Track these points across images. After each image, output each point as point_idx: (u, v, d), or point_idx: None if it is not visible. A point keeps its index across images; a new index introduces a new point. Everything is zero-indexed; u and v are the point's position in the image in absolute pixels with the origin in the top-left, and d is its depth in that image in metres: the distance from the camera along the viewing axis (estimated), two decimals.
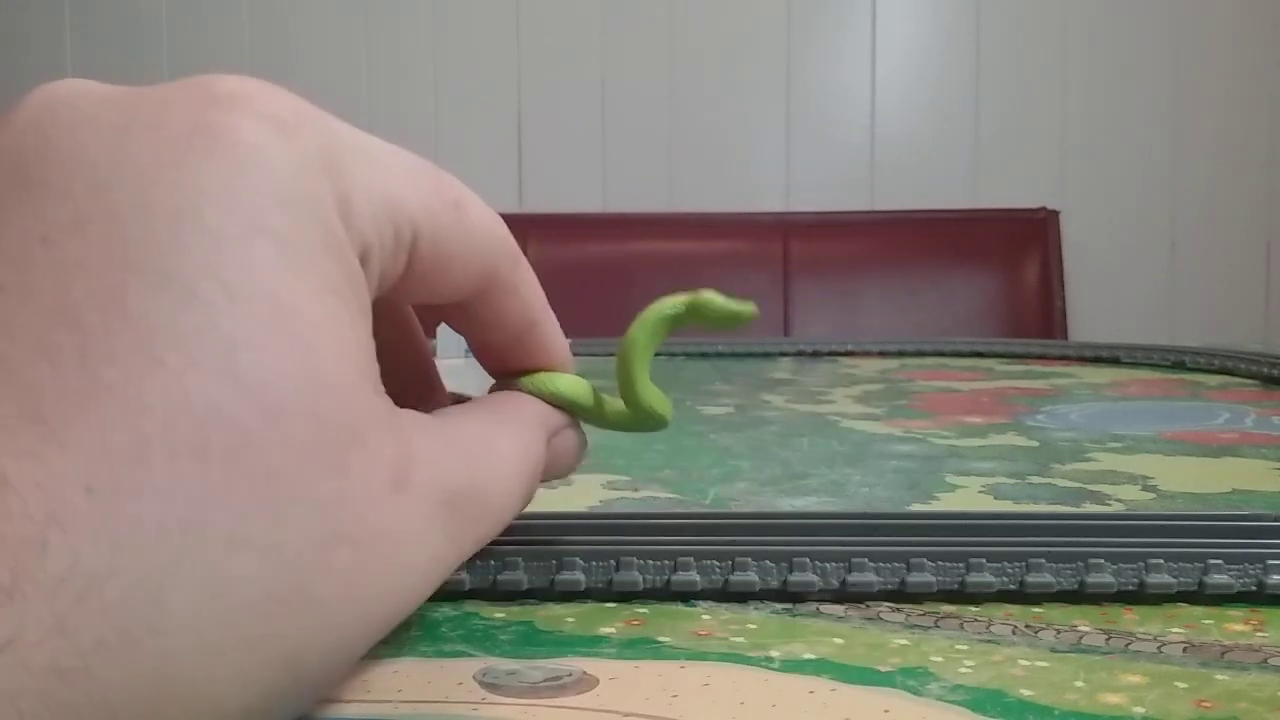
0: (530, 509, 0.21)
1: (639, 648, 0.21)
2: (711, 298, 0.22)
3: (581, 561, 0.24)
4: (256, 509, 0.14)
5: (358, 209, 0.17)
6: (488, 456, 0.19)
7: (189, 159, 0.15)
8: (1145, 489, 0.35)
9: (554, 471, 0.23)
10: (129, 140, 0.15)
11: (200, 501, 0.14)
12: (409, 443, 0.17)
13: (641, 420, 0.24)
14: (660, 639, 0.22)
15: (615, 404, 0.24)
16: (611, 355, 0.23)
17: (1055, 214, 1.55)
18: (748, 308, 0.22)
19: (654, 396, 0.23)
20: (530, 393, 0.22)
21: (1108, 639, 0.21)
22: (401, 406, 0.18)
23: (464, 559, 0.18)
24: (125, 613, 0.13)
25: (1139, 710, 0.18)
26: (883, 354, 0.78)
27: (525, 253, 0.22)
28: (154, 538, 0.13)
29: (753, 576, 0.24)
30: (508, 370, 0.23)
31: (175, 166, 0.15)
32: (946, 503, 0.33)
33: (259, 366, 0.15)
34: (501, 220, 0.21)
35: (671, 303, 0.23)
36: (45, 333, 0.14)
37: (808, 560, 0.24)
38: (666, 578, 0.24)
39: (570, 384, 0.23)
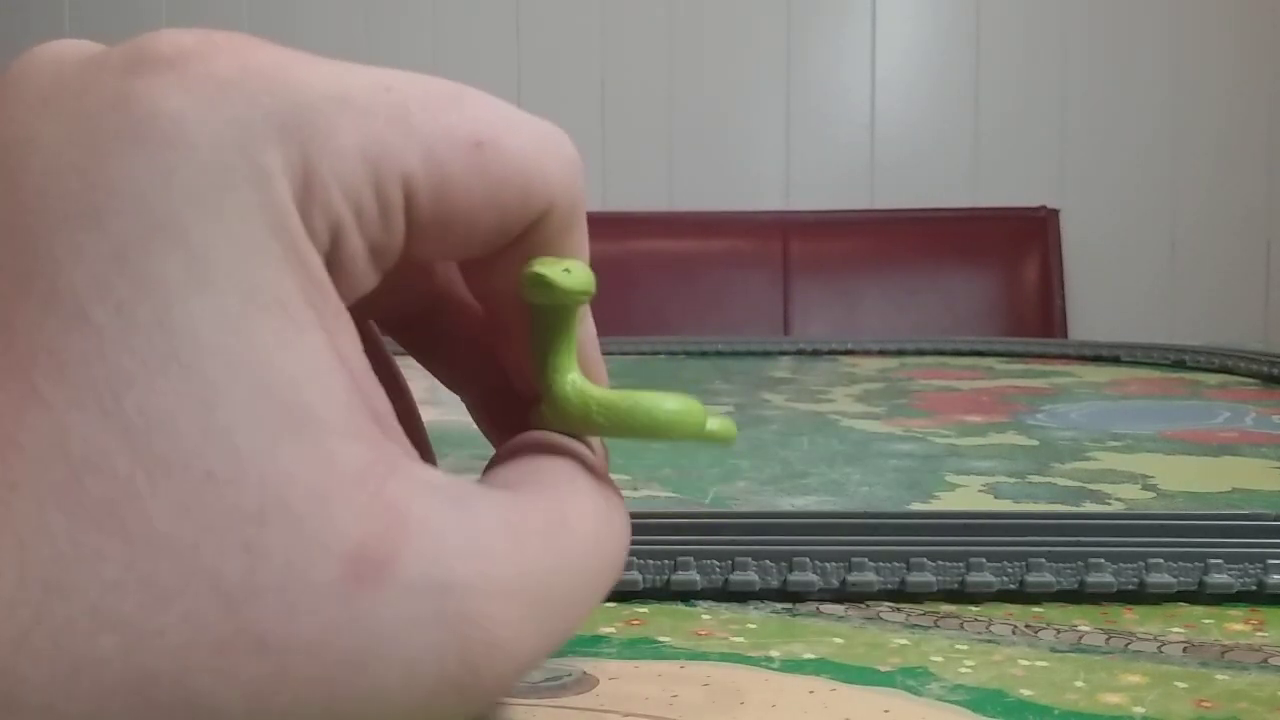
0: None
1: (639, 648, 0.21)
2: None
3: None
4: (131, 583, 0.12)
5: (323, 178, 0.14)
6: (550, 538, 0.15)
7: (98, 140, 0.13)
8: (1145, 488, 0.35)
9: None
10: (46, 114, 0.13)
11: (66, 563, 0.12)
12: (391, 507, 0.13)
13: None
14: (660, 639, 0.22)
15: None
16: (612, 354, 0.23)
17: (1055, 213, 1.55)
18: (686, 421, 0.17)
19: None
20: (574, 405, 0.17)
21: (1108, 639, 0.21)
22: None
23: (509, 678, 0.14)
24: None
25: (1139, 710, 0.18)
26: (883, 353, 0.78)
27: None
28: (11, 595, 0.11)
29: (753, 576, 0.24)
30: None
31: (83, 149, 0.13)
32: (946, 502, 0.33)
33: (150, 411, 0.12)
34: (561, 155, 0.17)
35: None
36: None
37: (808, 560, 0.24)
38: (666, 577, 0.24)
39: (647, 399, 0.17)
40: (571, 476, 0.16)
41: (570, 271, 0.16)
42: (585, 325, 0.18)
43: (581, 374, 0.18)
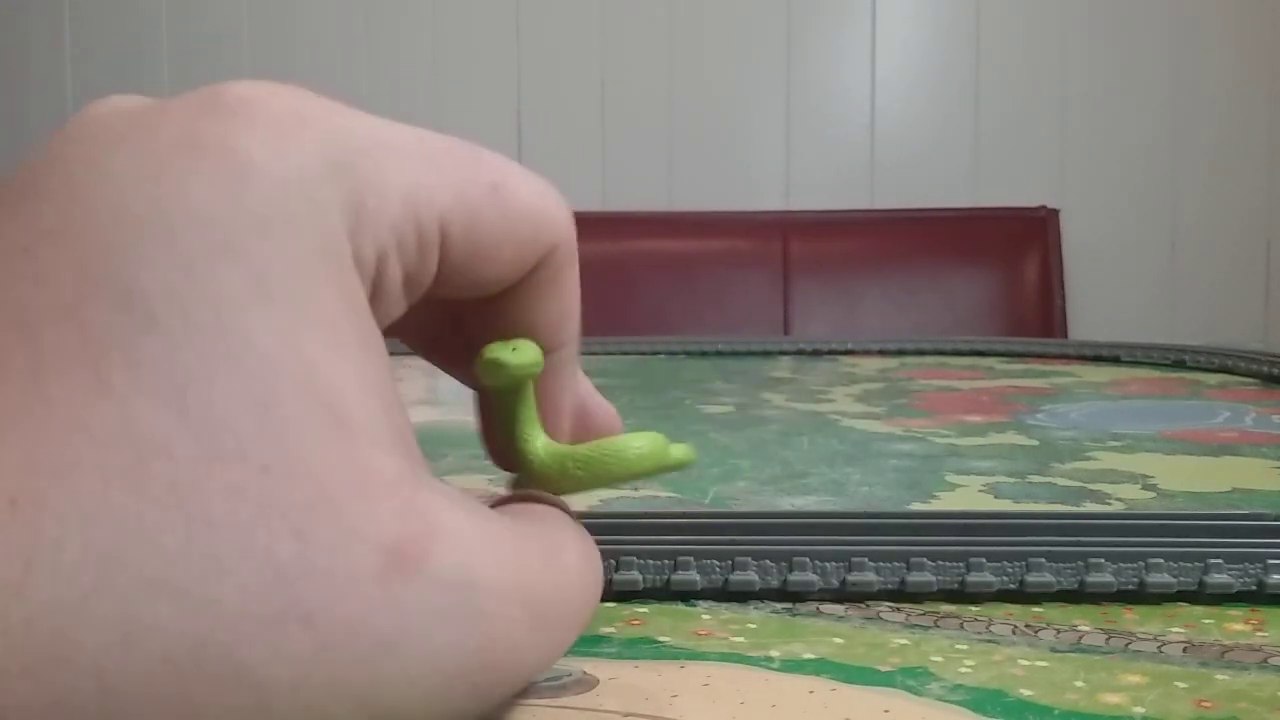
0: None
1: (639, 648, 0.21)
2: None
3: None
4: (188, 557, 0.13)
5: (372, 214, 0.16)
6: (547, 561, 0.17)
7: (171, 171, 0.14)
8: (1145, 488, 0.35)
9: None
10: (119, 150, 0.15)
11: (126, 535, 0.12)
12: (424, 511, 0.14)
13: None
14: (660, 639, 0.22)
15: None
16: (611, 354, 0.23)
17: (1055, 213, 1.55)
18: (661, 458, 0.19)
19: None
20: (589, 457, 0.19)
21: (1108, 639, 0.21)
22: None
23: (516, 677, 0.16)
24: (29, 639, 0.12)
25: (1139, 710, 0.18)
26: (882, 353, 0.78)
27: None
28: (72, 565, 0.12)
29: (753, 576, 0.24)
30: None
31: (155, 179, 0.14)
32: (946, 502, 0.33)
33: (210, 405, 0.13)
34: (559, 200, 0.19)
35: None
36: (2, 343, 0.13)
37: (808, 560, 0.24)
38: (666, 577, 0.24)
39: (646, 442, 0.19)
40: (557, 517, 0.18)
41: (517, 350, 0.18)
42: (576, 381, 0.20)
43: (547, 437, 0.19)
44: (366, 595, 0.13)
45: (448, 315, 0.20)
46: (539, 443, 0.19)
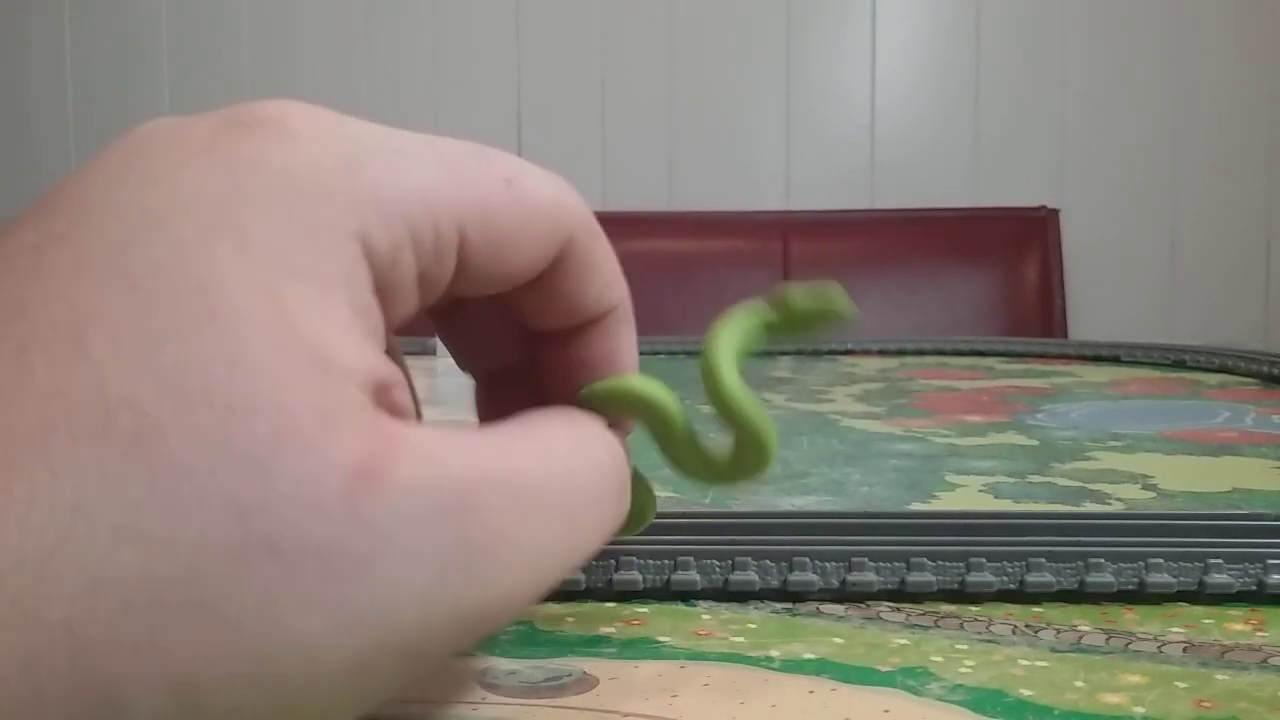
0: None
1: (639, 648, 0.21)
2: (798, 301, 0.20)
3: None
4: (152, 502, 0.13)
5: (386, 207, 0.16)
6: (533, 449, 0.16)
7: (183, 175, 0.15)
8: (1145, 488, 0.35)
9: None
10: (140, 160, 0.15)
11: (91, 488, 0.13)
12: (388, 437, 0.15)
13: (748, 459, 0.20)
14: (660, 639, 0.22)
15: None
16: None
17: (1055, 213, 1.55)
18: (832, 298, 0.19)
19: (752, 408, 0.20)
20: (598, 400, 0.20)
21: (1108, 639, 0.21)
22: None
23: (515, 577, 0.15)
24: (0, 599, 0.12)
25: (1139, 710, 0.18)
26: (883, 353, 0.78)
27: None
28: (39, 521, 0.13)
29: (753, 576, 0.24)
30: (566, 373, 0.21)
31: (165, 181, 0.15)
32: (946, 502, 0.33)
33: (183, 360, 0.14)
34: (570, 189, 0.19)
35: (748, 320, 0.20)
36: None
37: (808, 560, 0.24)
38: (666, 577, 0.24)
39: (653, 387, 0.20)
40: (557, 415, 0.18)
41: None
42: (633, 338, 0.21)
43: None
44: (332, 517, 0.14)
45: (496, 312, 0.21)
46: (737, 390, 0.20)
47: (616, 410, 0.20)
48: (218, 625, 0.13)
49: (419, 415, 0.20)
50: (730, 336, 0.20)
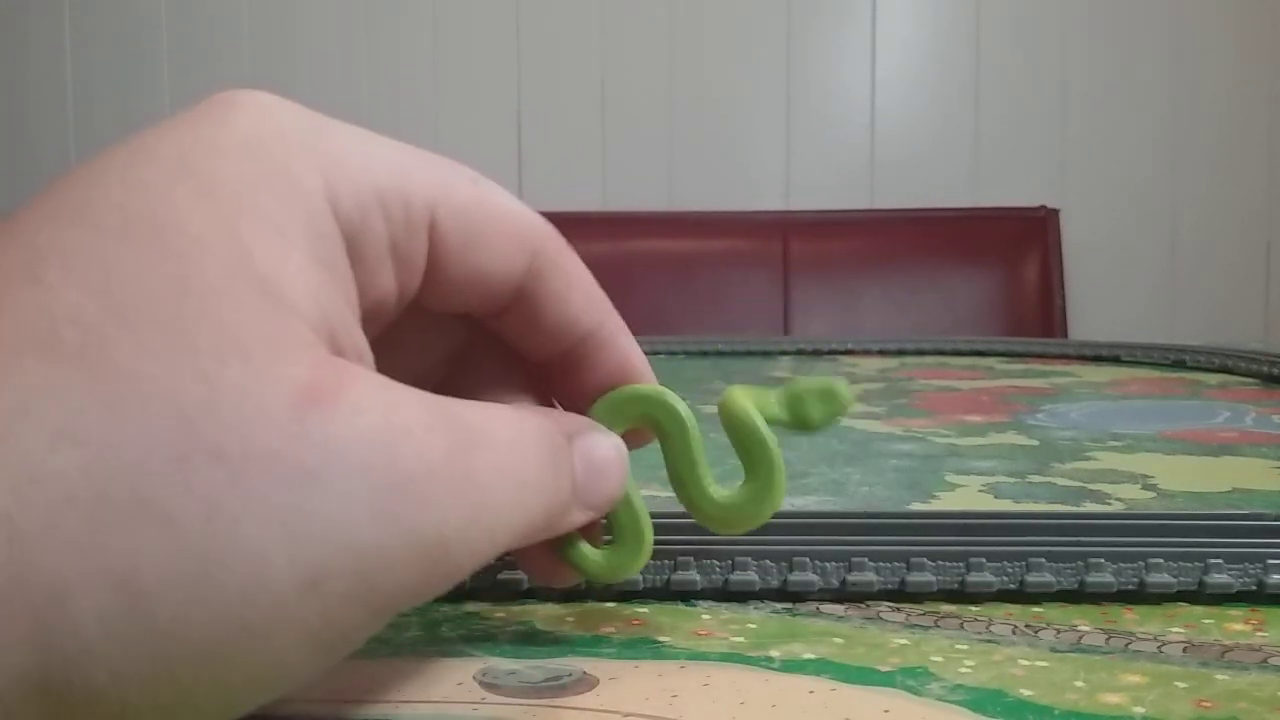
0: None
1: (639, 648, 0.21)
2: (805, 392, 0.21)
3: None
4: (94, 406, 0.13)
5: (353, 172, 0.16)
6: (468, 416, 0.16)
7: (155, 135, 0.16)
8: (1145, 488, 0.35)
9: (593, 497, 0.19)
10: (132, 142, 0.16)
11: (32, 393, 0.13)
12: (336, 369, 0.15)
13: (763, 495, 0.20)
14: (660, 639, 0.22)
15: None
16: None
17: (1055, 213, 1.55)
18: (839, 399, 0.21)
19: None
20: (613, 407, 0.21)
21: (1108, 639, 0.21)
22: None
23: (472, 510, 0.15)
24: None
25: (1139, 710, 0.18)
26: (883, 353, 0.78)
27: None
28: None
29: (753, 576, 0.24)
30: (579, 392, 0.21)
31: (138, 142, 0.16)
32: (946, 502, 0.33)
33: (131, 283, 0.14)
34: (527, 207, 0.20)
35: (760, 396, 0.21)
36: None
37: (808, 560, 0.24)
38: (666, 577, 0.24)
39: (668, 395, 0.21)
40: (506, 409, 0.18)
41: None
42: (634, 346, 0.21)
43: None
44: (281, 428, 0.13)
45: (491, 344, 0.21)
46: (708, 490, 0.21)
47: (630, 417, 0.21)
48: (162, 526, 0.13)
49: None
50: (747, 394, 0.21)
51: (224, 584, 0.13)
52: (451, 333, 0.21)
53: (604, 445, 0.19)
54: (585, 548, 0.21)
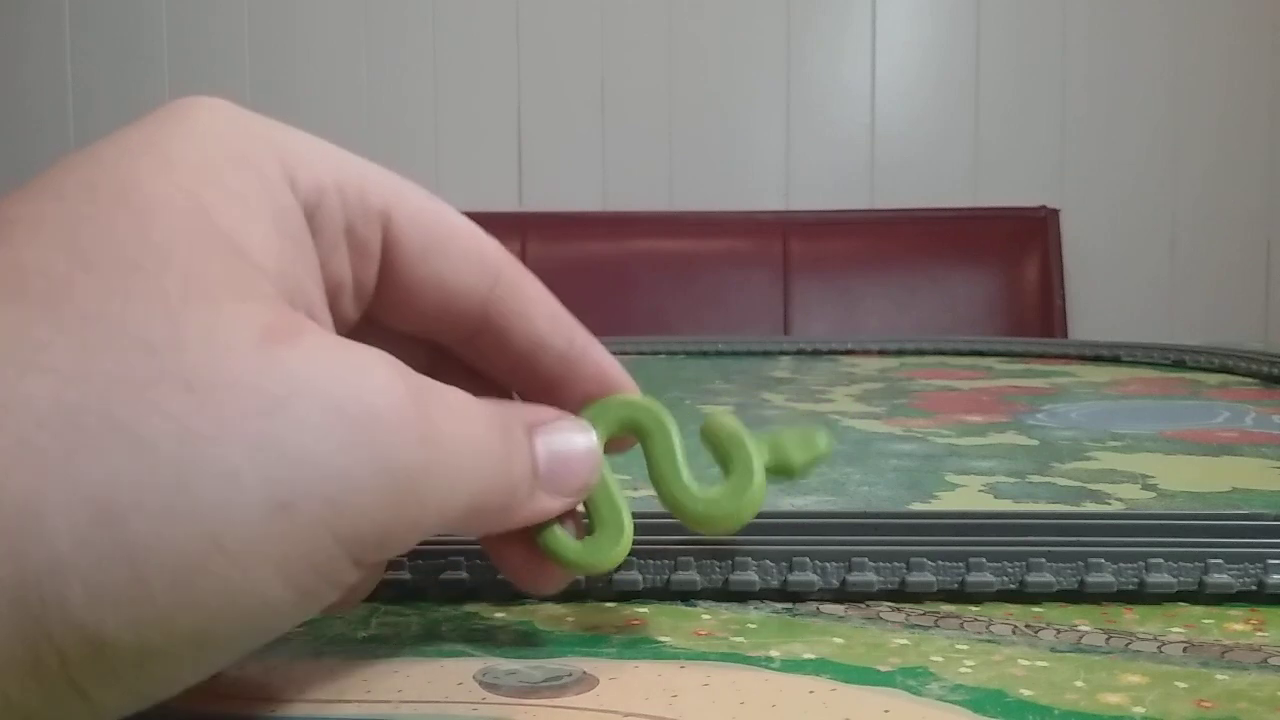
0: None
1: (639, 648, 0.21)
2: (787, 443, 0.21)
3: None
4: (62, 343, 0.13)
5: (308, 157, 0.17)
6: (421, 376, 0.17)
7: (123, 131, 0.16)
8: (1145, 488, 0.35)
9: (561, 483, 0.19)
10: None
11: (5, 339, 0.13)
12: (296, 318, 0.15)
13: (741, 495, 0.21)
14: (660, 639, 0.22)
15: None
16: (612, 354, 0.23)
17: (1055, 212, 1.55)
18: (820, 447, 0.21)
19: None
20: (596, 416, 0.21)
21: (1108, 639, 0.21)
22: None
23: (437, 453, 0.16)
24: None
25: (1139, 710, 0.18)
26: (883, 353, 0.78)
27: (524, 252, 0.21)
28: None
29: (753, 576, 0.24)
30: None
31: (113, 135, 0.16)
32: (946, 502, 0.33)
33: (95, 236, 0.14)
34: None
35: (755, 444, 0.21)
36: None
37: (808, 560, 0.24)
38: (666, 577, 0.24)
39: (641, 405, 0.21)
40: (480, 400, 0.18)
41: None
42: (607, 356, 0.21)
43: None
44: (247, 359, 0.14)
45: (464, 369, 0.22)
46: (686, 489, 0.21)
47: (611, 423, 0.21)
48: (134, 446, 0.13)
49: None
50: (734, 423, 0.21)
51: (197, 502, 0.13)
52: (416, 358, 0.21)
53: (572, 432, 0.20)
54: (561, 534, 0.20)
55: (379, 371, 0.15)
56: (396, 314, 0.19)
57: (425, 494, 0.15)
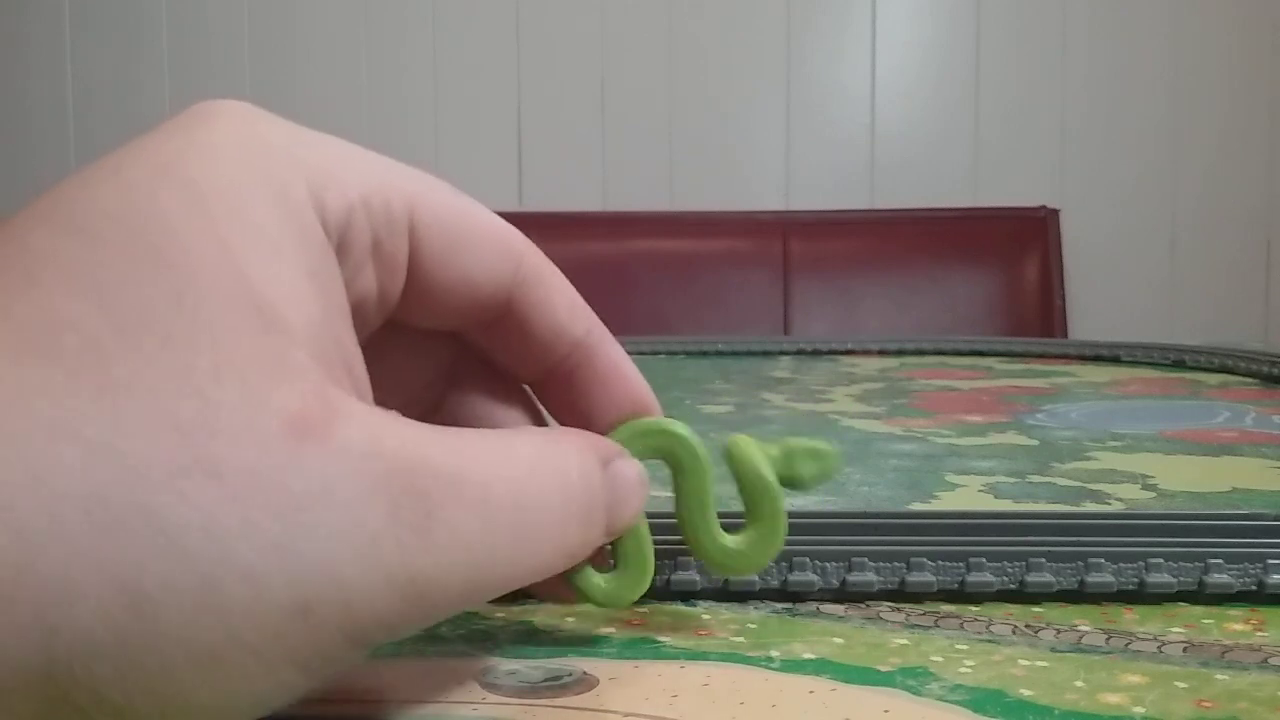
0: None
1: (639, 648, 0.21)
2: (802, 450, 0.22)
3: None
4: (94, 409, 0.13)
5: (337, 178, 0.17)
6: (489, 447, 0.17)
7: (142, 142, 0.16)
8: (1145, 488, 0.35)
9: (615, 517, 0.19)
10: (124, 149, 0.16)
11: (34, 395, 0.13)
12: (328, 401, 0.15)
13: (766, 542, 0.21)
14: (660, 639, 0.22)
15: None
16: None
17: (1055, 212, 1.55)
18: (829, 460, 0.22)
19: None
20: (627, 437, 0.21)
21: (1108, 639, 0.21)
22: None
23: (450, 560, 0.15)
24: None
25: (1139, 710, 0.18)
26: (883, 353, 0.78)
27: None
28: None
29: (753, 576, 0.24)
30: (586, 411, 0.21)
31: (132, 147, 0.16)
32: (946, 502, 0.33)
33: (128, 293, 0.14)
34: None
35: (766, 453, 0.21)
36: None
37: (808, 560, 0.24)
38: (667, 577, 0.24)
39: (685, 430, 0.21)
40: (525, 428, 0.19)
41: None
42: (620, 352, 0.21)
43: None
44: (274, 453, 0.14)
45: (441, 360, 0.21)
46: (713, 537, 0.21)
47: (646, 449, 0.21)
48: (163, 536, 0.13)
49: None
50: (750, 443, 0.22)
51: (223, 600, 0.13)
52: (439, 353, 0.21)
53: (629, 471, 0.20)
54: (592, 575, 0.21)
55: (407, 484, 0.15)
56: (420, 314, 0.19)
57: (438, 599, 0.16)
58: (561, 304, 0.20)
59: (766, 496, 0.21)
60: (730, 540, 0.21)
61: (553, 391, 0.21)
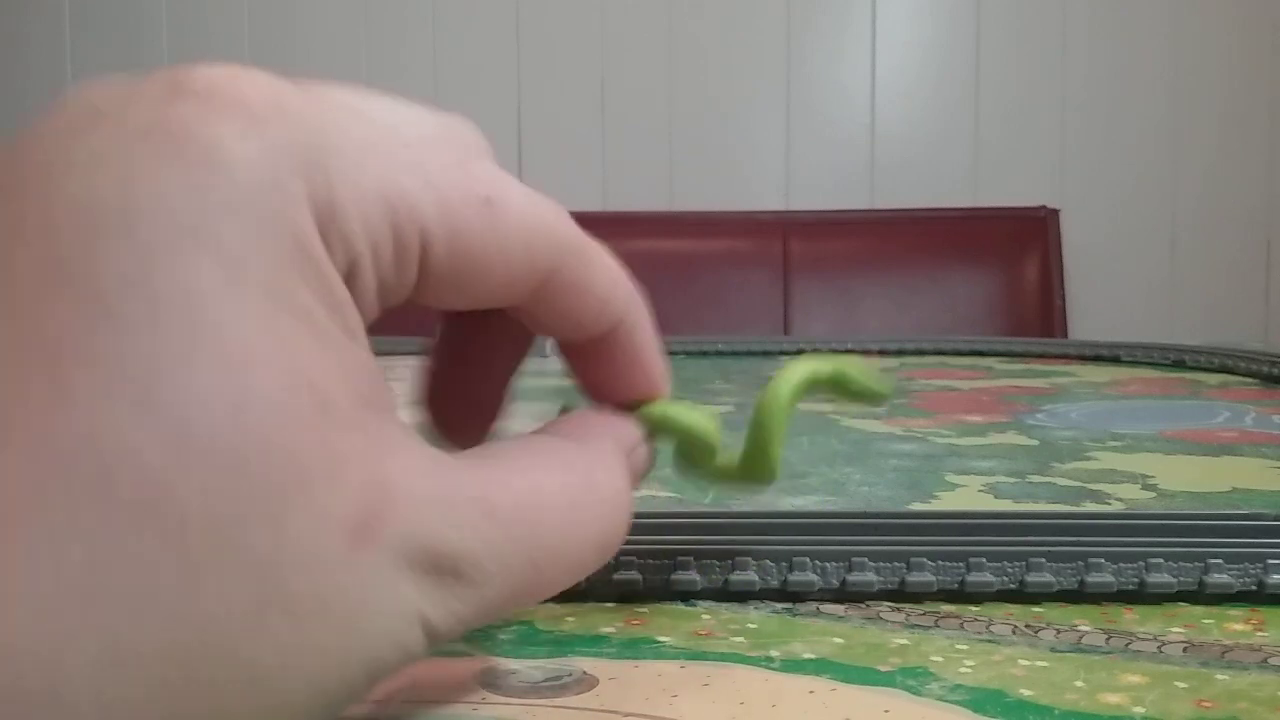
0: None
1: (639, 648, 0.21)
2: (855, 372, 0.22)
3: None
4: (167, 565, 0.12)
5: (343, 212, 0.15)
6: (511, 509, 0.16)
7: (135, 159, 0.14)
8: (1145, 488, 0.35)
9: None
10: (86, 137, 0.14)
11: (99, 551, 0.12)
12: (384, 483, 0.14)
13: (753, 473, 0.22)
14: (660, 639, 0.22)
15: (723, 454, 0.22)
16: None
17: (1055, 213, 1.55)
18: (885, 387, 0.23)
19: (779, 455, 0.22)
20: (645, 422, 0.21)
21: (1108, 639, 0.21)
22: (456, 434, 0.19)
23: (472, 625, 0.16)
24: (18, 685, 0.12)
25: (1139, 710, 0.18)
26: (883, 353, 0.78)
27: None
28: (49, 597, 0.12)
29: (753, 576, 0.24)
30: (601, 386, 0.21)
31: (119, 166, 0.14)
32: (946, 502, 0.33)
33: (179, 399, 0.13)
34: (558, 209, 0.18)
35: (816, 366, 0.22)
36: None
37: (808, 560, 0.24)
38: (666, 577, 0.24)
39: (698, 420, 0.22)
40: (554, 451, 0.18)
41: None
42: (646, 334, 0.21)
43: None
44: (334, 571, 0.14)
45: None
46: (778, 441, 0.22)
47: (659, 433, 0.21)
48: (249, 668, 0.13)
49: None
50: (798, 376, 0.22)
51: (290, 709, 0.14)
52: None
53: (644, 456, 0.20)
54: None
55: (447, 565, 0.15)
56: (421, 302, 0.18)
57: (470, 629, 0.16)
58: (589, 305, 0.19)
59: (766, 417, 0.22)
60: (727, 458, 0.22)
61: (582, 361, 0.21)
